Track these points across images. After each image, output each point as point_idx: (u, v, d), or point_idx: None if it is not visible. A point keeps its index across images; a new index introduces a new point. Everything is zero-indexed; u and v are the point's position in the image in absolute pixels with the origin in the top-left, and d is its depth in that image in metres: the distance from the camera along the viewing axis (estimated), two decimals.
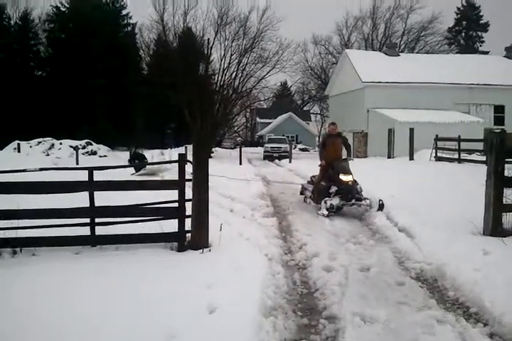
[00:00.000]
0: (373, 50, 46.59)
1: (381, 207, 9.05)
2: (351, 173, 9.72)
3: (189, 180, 6.60)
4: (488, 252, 6.04)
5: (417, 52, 49.18)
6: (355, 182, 9.69)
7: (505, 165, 7.04)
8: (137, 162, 17.98)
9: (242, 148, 29.61)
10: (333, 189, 9.48)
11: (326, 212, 9.15)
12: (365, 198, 9.50)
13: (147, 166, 16.40)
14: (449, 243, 6.50)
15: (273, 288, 5.22)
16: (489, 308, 4.49)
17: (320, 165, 10.32)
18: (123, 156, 26.95)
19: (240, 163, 25.68)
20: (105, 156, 28.76)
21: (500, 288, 4.78)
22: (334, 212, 9.18)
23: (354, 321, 4.33)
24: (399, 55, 34.38)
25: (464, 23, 56.85)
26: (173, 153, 31.77)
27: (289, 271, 6.04)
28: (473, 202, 7.93)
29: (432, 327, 4.22)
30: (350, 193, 9.42)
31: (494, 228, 6.88)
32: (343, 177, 9.57)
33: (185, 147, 28.45)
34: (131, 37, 42.88)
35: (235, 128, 71.64)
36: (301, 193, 11.31)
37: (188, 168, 6.54)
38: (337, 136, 10.42)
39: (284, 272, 5.89)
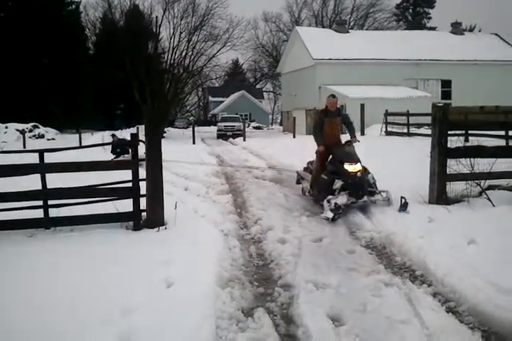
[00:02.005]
0: (323, 27, 46.82)
1: (405, 205, 6.88)
2: (359, 160, 7.59)
3: (143, 160, 6.61)
4: (432, 220, 6.37)
5: (366, 29, 49.81)
6: (365, 170, 7.57)
7: (448, 137, 7.37)
8: (119, 151, 15.08)
9: (195, 128, 29.47)
10: (338, 184, 7.36)
11: (330, 215, 6.99)
12: (380, 191, 7.46)
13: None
14: (397, 212, 6.80)
15: (229, 261, 5.36)
16: (433, 270, 4.78)
17: (316, 152, 8.15)
18: (71, 138, 26.39)
19: (194, 142, 25.61)
20: (53, 139, 28.07)
21: (444, 252, 5.07)
22: (341, 213, 7.11)
23: (307, 288, 4.53)
24: (348, 32, 34.70)
25: None
26: (124, 134, 31.31)
27: (244, 244, 6.19)
28: (419, 172, 8.25)
29: (379, 289, 4.47)
30: (361, 188, 7.31)
31: (439, 197, 7.23)
32: (348, 167, 7.41)
33: (137, 127, 28.06)
34: (75, 15, 41.46)
35: (187, 108, 70.90)
36: (298, 182, 9.33)
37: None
38: (336, 113, 8.23)
39: (239, 246, 6.03)
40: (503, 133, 14.76)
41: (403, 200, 6.91)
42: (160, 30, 37.69)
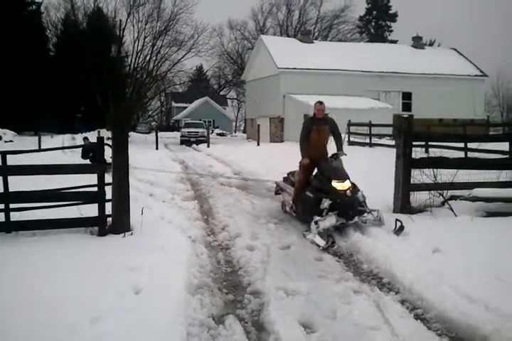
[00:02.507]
0: (288, 37, 47.27)
1: (400, 229, 6.25)
2: (348, 177, 6.90)
3: (109, 164, 6.51)
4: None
5: (330, 40, 50.54)
6: (354, 188, 6.87)
7: (413, 148, 7.55)
8: (91, 156, 13.62)
9: (158, 133, 29.23)
10: (326, 203, 6.54)
11: (320, 242, 6.18)
12: (371, 210, 6.77)
13: None
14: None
15: (198, 268, 5.32)
16: (400, 278, 4.87)
17: (300, 164, 7.32)
18: (29, 140, 25.73)
19: (157, 148, 25.38)
20: (11, 141, 27.28)
21: (410, 261, 5.17)
22: (334, 242, 6.24)
23: (277, 294, 4.54)
24: (313, 42, 35.17)
25: (374, 12, 59.07)
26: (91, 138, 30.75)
27: (212, 251, 6.15)
28: (384, 182, 8.41)
29: (349, 297, 4.52)
30: (351, 208, 6.58)
31: (403, 206, 7.38)
32: (337, 184, 6.69)
33: (98, 131, 27.62)
34: (36, 16, 40.52)
35: (150, 113, 70.17)
36: (277, 193, 8.58)
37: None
38: (323, 120, 7.42)
39: (207, 252, 5.99)
40: (461, 145, 15.23)
41: (398, 223, 6.29)
42: (124, 34, 37.11)
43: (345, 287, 4.76)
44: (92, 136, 29.65)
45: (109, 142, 6.59)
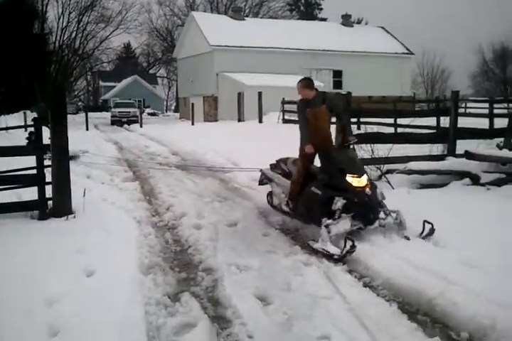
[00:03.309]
0: (219, 13, 46.68)
1: (431, 232, 5.16)
2: (365, 171, 5.69)
3: (47, 145, 6.27)
4: None
5: (261, 17, 50.39)
6: (371, 184, 5.60)
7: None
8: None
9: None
10: (339, 203, 5.24)
11: (336, 251, 4.90)
12: (390, 211, 5.42)
13: None
14: None
15: (147, 248, 5.29)
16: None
17: (301, 152, 6.02)
18: None
19: (87, 129, 24.64)
20: None
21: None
22: (354, 250, 4.82)
23: (230, 270, 4.61)
24: (244, 20, 35.01)
25: None
26: (9, 120, 29.22)
27: (159, 231, 6.12)
28: None
29: (299, 269, 4.67)
30: (372, 210, 5.35)
31: None
32: (353, 179, 5.38)
33: (24, 113, 26.35)
34: None
35: (76, 93, 67.60)
36: (261, 183, 7.24)
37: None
38: (319, 100, 5.96)
39: (154, 233, 5.95)
40: (390, 121, 15.80)
41: (428, 226, 5.19)
42: (47, 9, 35.32)
43: (295, 260, 4.89)
44: (18, 118, 28.33)
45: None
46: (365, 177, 5.49)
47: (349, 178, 5.40)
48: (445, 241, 4.95)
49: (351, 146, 5.84)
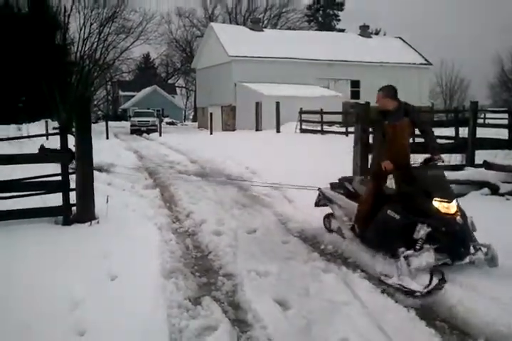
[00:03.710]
0: (237, 24, 47.16)
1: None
2: (455, 196, 4.91)
3: (72, 153, 6.45)
4: None
5: (279, 28, 50.74)
6: (461, 212, 4.77)
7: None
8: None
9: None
10: (422, 231, 4.56)
11: (419, 288, 4.19)
12: (480, 245, 4.67)
13: None
14: None
15: (168, 254, 5.39)
16: (364, 257, 5.12)
17: (374, 170, 5.37)
18: None
19: (107, 138, 24.94)
20: None
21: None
22: (442, 287, 4.20)
23: (250, 276, 4.70)
24: (263, 31, 35.32)
25: (322, 1, 59.71)
26: (31, 128, 29.78)
27: (180, 237, 6.23)
28: (340, 166, 8.70)
29: (318, 275, 4.74)
30: (463, 243, 4.60)
31: None
32: (441, 205, 4.65)
33: (46, 122, 26.85)
34: None
35: (96, 102, 68.56)
36: (318, 205, 6.43)
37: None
38: (400, 113, 5.26)
39: (175, 239, 6.07)
40: None
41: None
42: (69, 21, 36.02)
43: (314, 266, 4.97)
44: (39, 126, 28.84)
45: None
46: (455, 202, 4.71)
47: (436, 203, 4.63)
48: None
49: (437, 163, 5.06)
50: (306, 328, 3.69)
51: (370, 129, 8.52)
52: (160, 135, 25.94)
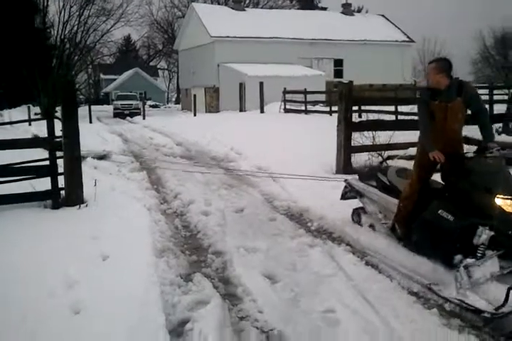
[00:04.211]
0: (219, 4, 46.60)
1: None
2: None
3: (59, 137, 6.48)
4: (340, 187, 6.93)
5: (262, 7, 50.24)
6: None
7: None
8: None
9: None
10: (484, 235, 3.90)
11: (480, 304, 3.53)
12: None
13: None
14: (309, 182, 7.31)
15: (158, 234, 5.52)
16: (348, 232, 5.29)
17: (419, 161, 4.68)
18: None
19: (90, 122, 24.84)
20: None
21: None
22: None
23: (239, 252, 4.85)
24: (245, 10, 34.99)
25: None
26: (13, 114, 29.40)
27: (169, 218, 6.35)
28: (324, 146, 8.85)
29: (305, 250, 4.90)
30: None
31: (345, 167, 7.85)
32: (505, 203, 4.01)
33: (28, 107, 26.57)
34: None
35: (77, 86, 67.57)
36: (345, 197, 5.74)
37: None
38: (453, 91, 4.37)
39: (164, 219, 6.19)
40: (391, 108, 15.96)
41: None
42: (48, 3, 35.28)
43: (300, 242, 5.13)
44: (21, 112, 28.51)
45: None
46: None
47: (499, 200, 3.94)
48: None
49: (496, 154, 4.11)
50: (294, 300, 3.86)
51: (355, 108, 8.72)
52: (143, 118, 25.86)
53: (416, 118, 5.22)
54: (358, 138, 7.99)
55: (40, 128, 11.98)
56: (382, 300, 3.76)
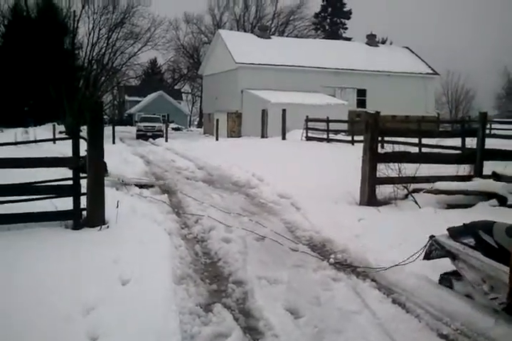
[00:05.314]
0: (245, 32, 47.40)
1: None
2: None
3: (83, 157, 6.49)
4: (365, 219, 6.81)
5: (287, 36, 50.98)
6: None
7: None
8: None
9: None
10: None
11: None
12: None
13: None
14: (332, 212, 7.18)
15: (178, 259, 5.42)
16: (374, 266, 5.13)
17: None
18: None
19: (113, 142, 25.05)
20: None
21: (382, 250, 5.45)
22: None
23: (260, 283, 4.71)
24: (270, 38, 35.50)
25: (329, 9, 60.00)
26: (38, 132, 29.93)
27: (189, 243, 6.25)
28: (347, 176, 8.73)
29: (328, 284, 4.75)
30: None
31: (369, 199, 7.70)
32: None
33: (53, 126, 27.01)
34: None
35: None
36: (428, 257, 4.48)
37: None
38: None
39: (185, 245, 6.09)
40: (414, 140, 15.80)
41: None
42: (78, 25, 36.33)
43: (324, 275, 4.98)
44: (46, 130, 28.98)
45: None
46: None
47: None
48: None
49: None
50: (318, 337, 3.70)
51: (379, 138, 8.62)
52: (166, 140, 26.03)
53: (442, 151, 5.33)
54: (384, 170, 7.86)
55: (63, 148, 12.13)
56: None
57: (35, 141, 10.38)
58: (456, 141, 13.08)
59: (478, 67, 63.88)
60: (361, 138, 8.49)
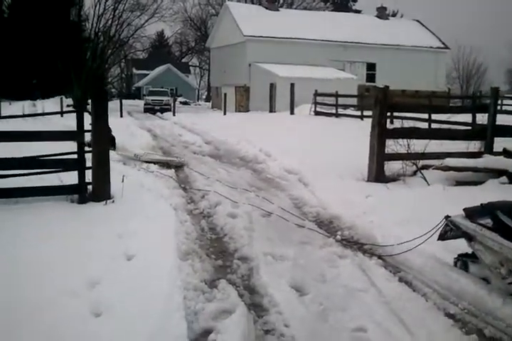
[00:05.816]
0: (253, 3, 46.55)
1: None
2: None
3: (88, 131, 6.43)
4: (373, 195, 6.73)
5: (295, 8, 50.02)
6: None
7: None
8: None
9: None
10: None
11: None
12: None
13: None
14: (340, 189, 7.10)
15: (184, 235, 5.39)
16: (381, 243, 5.08)
17: None
18: None
19: (121, 116, 24.97)
20: None
21: (389, 227, 5.39)
22: None
23: (266, 260, 4.68)
24: (278, 10, 34.82)
25: None
26: (45, 105, 29.86)
27: (195, 218, 6.21)
28: (356, 151, 8.62)
29: (334, 261, 4.71)
30: None
31: (377, 175, 7.61)
32: None
33: (61, 99, 26.85)
34: None
35: (109, 80, 68.36)
36: (443, 237, 4.27)
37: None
38: None
39: (190, 220, 6.05)
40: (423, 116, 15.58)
41: None
42: None
43: (330, 252, 4.93)
44: (54, 103, 28.86)
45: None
46: None
47: None
48: None
49: None
50: (323, 315, 3.67)
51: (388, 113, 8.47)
52: (174, 114, 25.88)
53: (452, 127, 5.21)
54: (392, 146, 7.73)
55: (71, 121, 12.07)
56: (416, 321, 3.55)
57: (42, 114, 10.30)
58: (467, 117, 12.89)
59: (490, 41, 62.65)
60: (370, 113, 8.34)
